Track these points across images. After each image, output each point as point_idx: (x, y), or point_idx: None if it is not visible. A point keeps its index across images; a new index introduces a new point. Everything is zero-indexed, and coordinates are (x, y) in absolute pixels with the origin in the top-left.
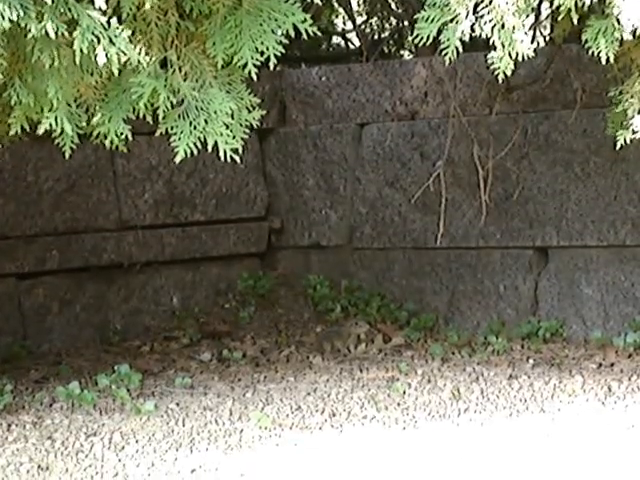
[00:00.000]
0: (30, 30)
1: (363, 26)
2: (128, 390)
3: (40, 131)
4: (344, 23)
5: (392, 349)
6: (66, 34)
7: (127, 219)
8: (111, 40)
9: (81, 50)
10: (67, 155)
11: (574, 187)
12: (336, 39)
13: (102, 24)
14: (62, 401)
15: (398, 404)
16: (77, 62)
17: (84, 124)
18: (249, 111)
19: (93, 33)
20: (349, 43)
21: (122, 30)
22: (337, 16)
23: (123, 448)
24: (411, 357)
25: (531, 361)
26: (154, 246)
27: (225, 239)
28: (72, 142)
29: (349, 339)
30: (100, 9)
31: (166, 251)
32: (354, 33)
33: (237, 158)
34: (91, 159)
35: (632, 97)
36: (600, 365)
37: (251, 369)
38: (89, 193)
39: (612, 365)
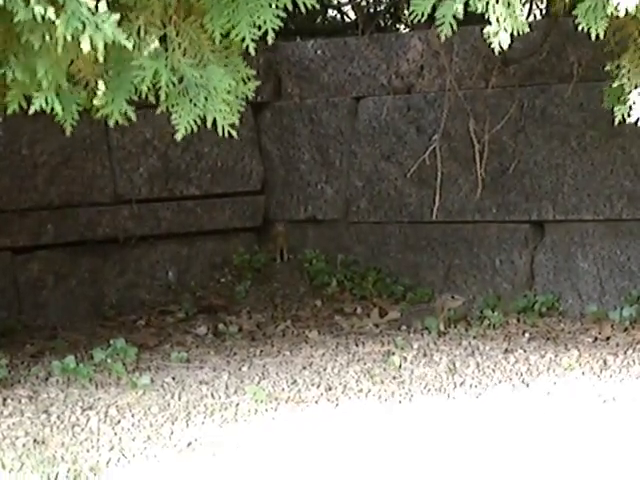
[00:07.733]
0: (17, 13)
1: None
2: (124, 364)
3: (31, 111)
4: None
5: (388, 323)
6: (53, 17)
7: (122, 193)
8: (97, 26)
9: (65, 38)
10: (68, 132)
11: (570, 161)
12: (332, 12)
13: (89, 9)
14: (58, 375)
15: (394, 378)
16: (60, 50)
17: (83, 101)
18: (245, 83)
19: (79, 19)
20: (345, 16)
21: (110, 15)
22: None
23: (119, 422)
24: (407, 331)
25: (527, 335)
26: (149, 220)
27: (220, 213)
28: (72, 119)
29: (442, 315)
30: None
31: (161, 225)
32: (350, 6)
33: (234, 133)
34: (86, 132)
35: (629, 72)
36: (596, 339)
37: (247, 343)
38: (84, 167)
39: (608, 339)
